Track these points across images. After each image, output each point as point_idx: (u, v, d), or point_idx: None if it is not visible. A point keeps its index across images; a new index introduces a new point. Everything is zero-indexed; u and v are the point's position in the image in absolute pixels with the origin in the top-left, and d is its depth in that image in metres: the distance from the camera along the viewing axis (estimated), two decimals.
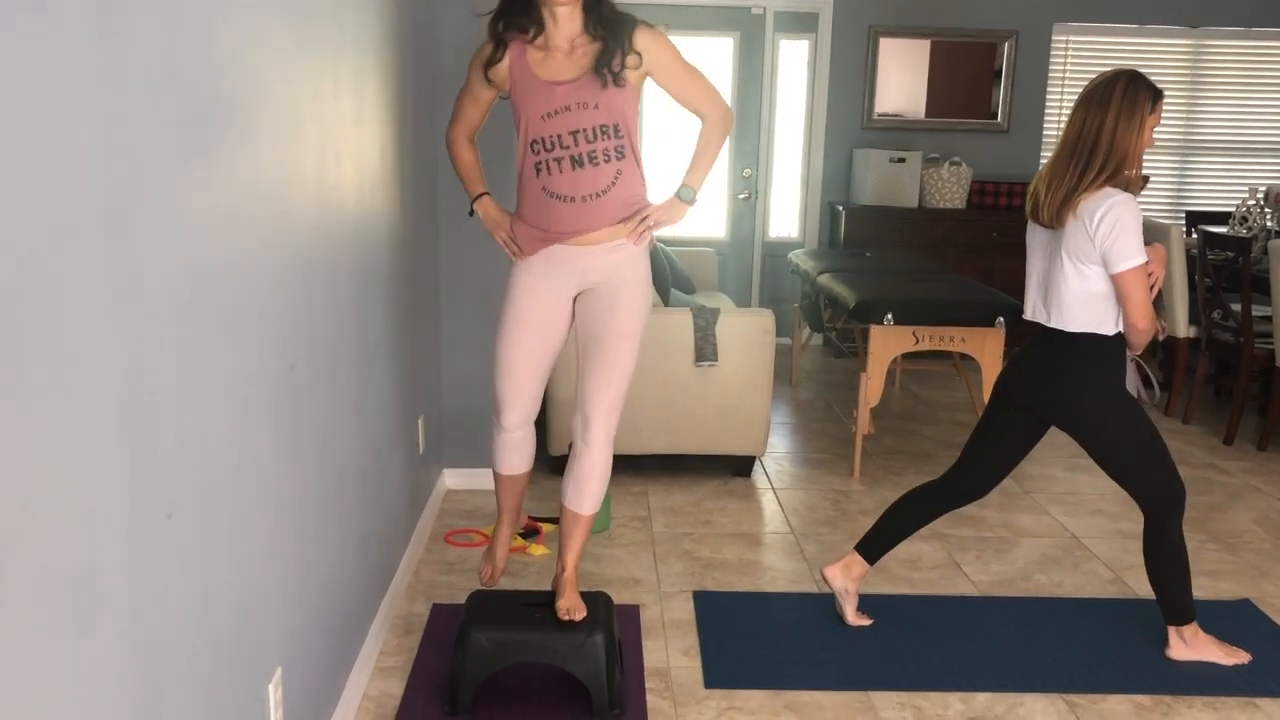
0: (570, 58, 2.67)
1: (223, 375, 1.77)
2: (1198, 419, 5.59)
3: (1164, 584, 3.02)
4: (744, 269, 7.29)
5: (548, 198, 2.68)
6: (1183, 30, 7.11)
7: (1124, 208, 2.75)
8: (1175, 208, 7.33)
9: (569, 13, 2.64)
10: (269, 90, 1.98)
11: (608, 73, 2.63)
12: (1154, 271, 2.83)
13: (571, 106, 2.63)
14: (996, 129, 7.17)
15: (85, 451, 1.31)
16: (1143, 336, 2.84)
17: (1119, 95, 2.77)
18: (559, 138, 2.64)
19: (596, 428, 2.72)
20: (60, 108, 1.24)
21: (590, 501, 2.79)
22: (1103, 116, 2.78)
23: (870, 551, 3.21)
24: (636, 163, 2.72)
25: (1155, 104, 2.80)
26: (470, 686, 2.68)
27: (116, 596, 1.41)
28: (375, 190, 2.95)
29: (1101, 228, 2.76)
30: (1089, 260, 2.81)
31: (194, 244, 1.63)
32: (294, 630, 2.21)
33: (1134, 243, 2.75)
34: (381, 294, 3.05)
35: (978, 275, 6.65)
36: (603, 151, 2.65)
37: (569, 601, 2.75)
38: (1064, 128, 2.89)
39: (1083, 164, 2.79)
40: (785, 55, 7.09)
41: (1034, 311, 2.99)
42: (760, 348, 4.36)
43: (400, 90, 3.28)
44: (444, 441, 4.25)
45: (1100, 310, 2.85)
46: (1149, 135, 2.80)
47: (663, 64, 2.73)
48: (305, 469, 2.27)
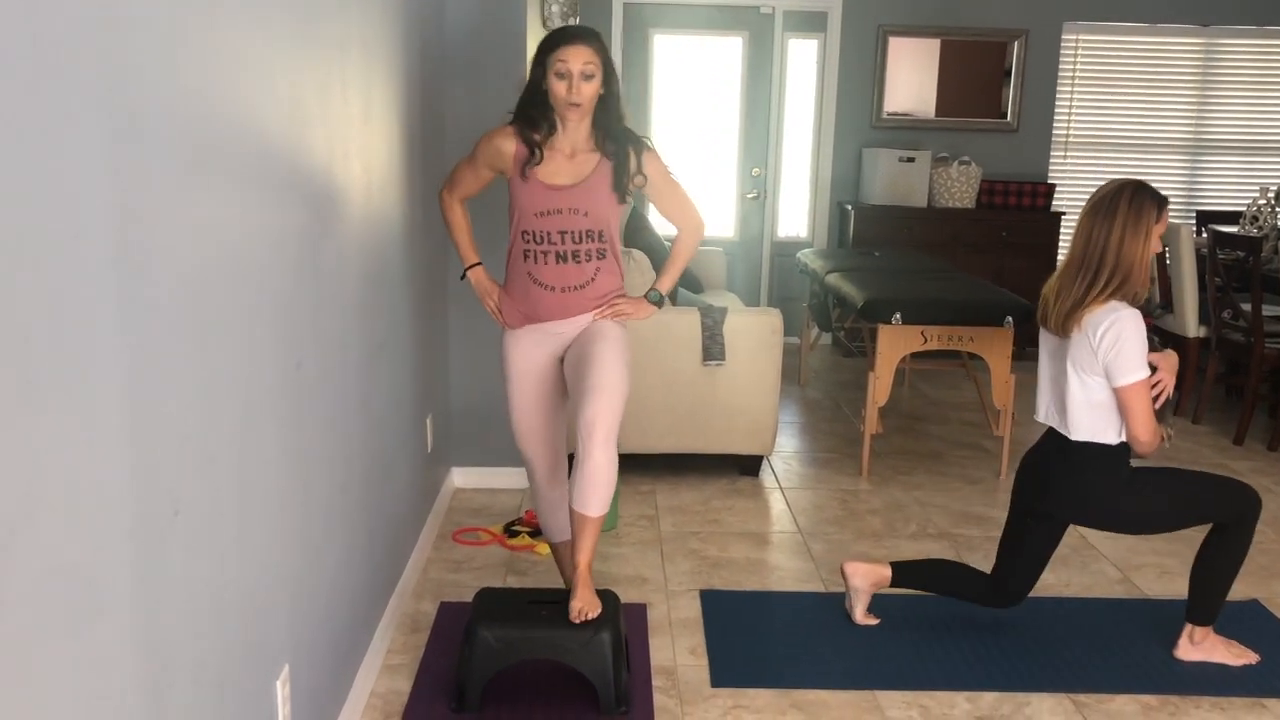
0: (570, 162, 2.85)
1: (229, 373, 1.78)
2: (1208, 419, 5.57)
3: (1211, 582, 3.02)
4: (753, 268, 7.28)
5: (532, 283, 2.89)
6: (1194, 29, 7.08)
7: (1127, 323, 2.79)
8: (1186, 207, 7.31)
9: (578, 124, 2.82)
10: (274, 89, 1.99)
11: (620, 190, 2.85)
12: (1163, 379, 2.86)
13: (564, 210, 2.83)
14: (1006, 128, 7.16)
15: (90, 450, 1.32)
16: (1145, 448, 2.87)
17: (1124, 207, 2.82)
18: (548, 234, 2.84)
19: (599, 430, 2.75)
20: (64, 109, 1.25)
21: (597, 504, 2.79)
22: (1109, 228, 2.82)
23: (901, 575, 3.23)
24: (615, 260, 2.94)
25: (1160, 213, 2.84)
26: (477, 684, 2.69)
27: (121, 594, 1.42)
28: (383, 189, 2.96)
29: (1105, 342, 2.79)
30: (1092, 371, 2.84)
31: (199, 243, 1.64)
32: (301, 628, 2.22)
33: (1135, 358, 2.79)
34: (389, 293, 3.06)
35: (987, 275, 6.64)
36: (585, 252, 2.86)
37: (582, 601, 2.75)
38: (1072, 238, 2.93)
39: (1090, 276, 2.83)
40: (794, 54, 7.09)
41: (1046, 415, 3.04)
42: (768, 347, 4.36)
43: (408, 89, 3.29)
44: (452, 440, 4.26)
45: (1103, 420, 2.88)
46: (1155, 244, 2.84)
47: (654, 180, 2.96)
48: (312, 467, 2.28)
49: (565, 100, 2.75)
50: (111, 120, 1.35)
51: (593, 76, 2.75)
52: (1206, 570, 3.02)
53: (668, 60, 7.01)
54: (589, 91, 2.76)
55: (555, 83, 2.75)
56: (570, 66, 2.73)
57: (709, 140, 7.12)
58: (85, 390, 1.30)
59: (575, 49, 2.74)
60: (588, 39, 2.77)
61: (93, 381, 1.32)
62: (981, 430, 5.28)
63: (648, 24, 6.92)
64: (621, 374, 2.82)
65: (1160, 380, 2.86)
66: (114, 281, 1.36)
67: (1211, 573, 3.01)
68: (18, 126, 1.15)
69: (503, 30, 3.98)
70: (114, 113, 1.36)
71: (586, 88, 2.75)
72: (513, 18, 3.98)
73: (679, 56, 7.02)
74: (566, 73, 2.74)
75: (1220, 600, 3.04)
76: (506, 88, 2.98)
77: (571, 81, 2.73)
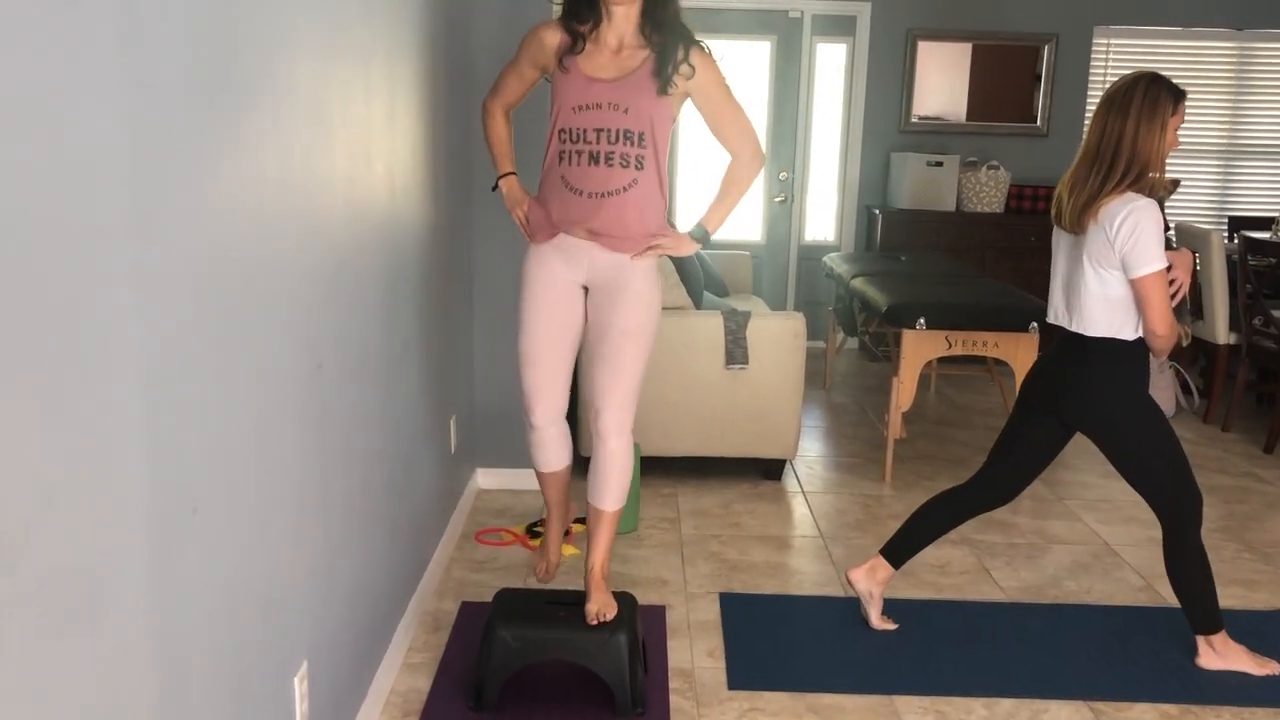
0: (616, 57, 2.69)
1: (249, 373, 1.81)
2: (1237, 426, 5.52)
3: (1187, 593, 3.01)
4: (779, 272, 7.28)
5: (563, 187, 2.72)
6: (1228, 33, 7.01)
7: (1144, 213, 2.74)
8: (1218, 212, 7.24)
9: (625, 12, 2.66)
10: (299, 92, 2.02)
11: (662, 78, 2.65)
12: (1178, 278, 2.82)
13: (603, 105, 2.65)
14: (1036, 133, 7.12)
15: (107, 447, 1.35)
16: (1162, 342, 2.82)
17: (1139, 99, 2.76)
18: (583, 132, 2.67)
19: (607, 419, 2.72)
20: (88, 107, 1.28)
21: (611, 497, 2.80)
22: (1123, 121, 2.77)
23: (895, 556, 3.21)
24: (657, 175, 2.72)
25: (1177, 105, 2.78)
26: (495, 683, 2.72)
27: (138, 590, 1.45)
28: (407, 190, 3.00)
29: (1121, 233, 2.75)
30: (1109, 265, 2.80)
31: (221, 244, 1.67)
32: (320, 625, 2.25)
33: (1153, 248, 2.74)
34: (413, 294, 3.10)
35: (1015, 280, 6.61)
36: (620, 155, 2.66)
37: (598, 603, 2.76)
38: (1086, 132, 2.88)
39: (1105, 169, 2.78)
40: (823, 58, 7.08)
41: (1057, 315, 2.99)
42: (791, 351, 4.37)
43: (433, 91, 3.32)
44: (476, 441, 4.29)
45: (1119, 315, 2.84)
46: (1172, 137, 2.78)
47: (708, 88, 2.74)
48: (333, 466, 2.31)
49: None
50: (135, 121, 1.38)
51: None
52: (1176, 581, 3.01)
53: None
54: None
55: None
56: None
57: None
58: (103, 387, 1.33)
59: None
60: None
61: (110, 379, 1.35)
62: None
63: None
64: (638, 361, 2.74)
65: (1176, 278, 2.82)
66: (132, 280, 1.39)
67: (1180, 582, 3.00)
68: (35, 122, 1.18)
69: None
70: (137, 114, 1.39)
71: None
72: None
73: None
74: None
75: (1207, 607, 3.01)
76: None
77: None
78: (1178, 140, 2.82)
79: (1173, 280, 2.82)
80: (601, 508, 2.80)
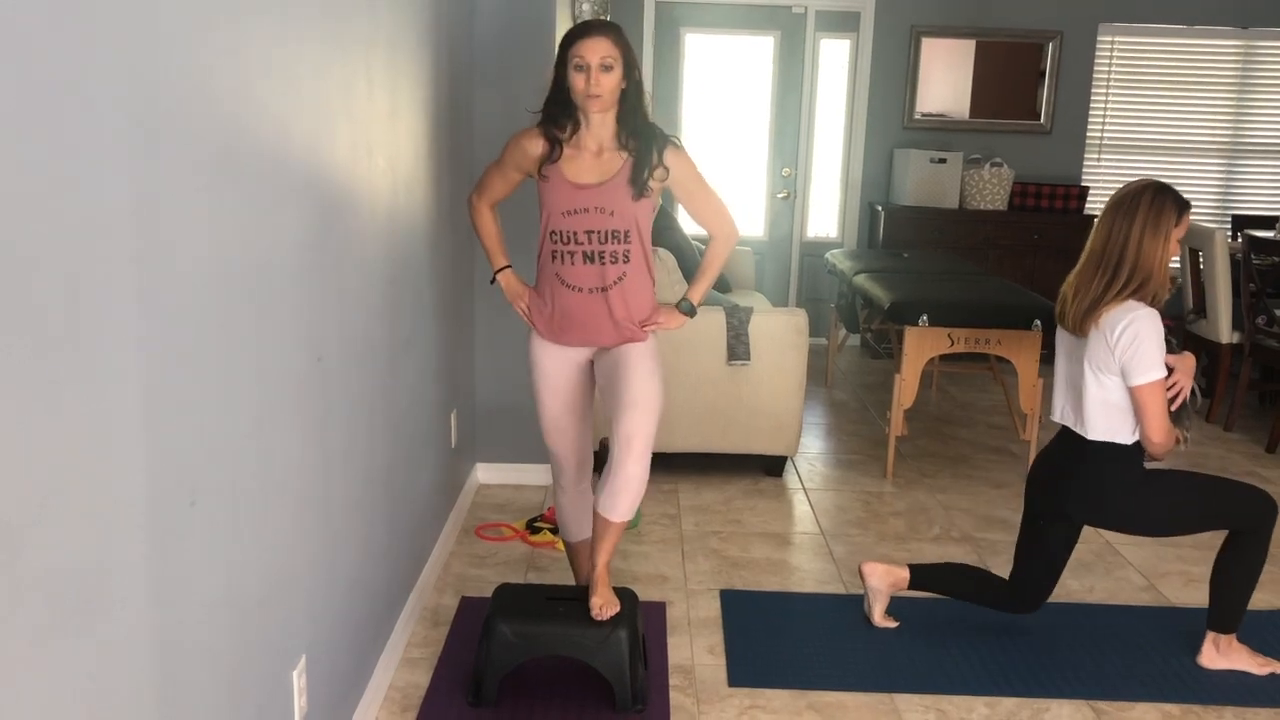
0: (597, 160, 2.82)
1: (248, 367, 1.80)
2: (1240, 426, 5.50)
3: (1229, 589, 3.00)
4: (782, 268, 7.27)
5: (559, 284, 2.86)
6: (1233, 31, 6.99)
7: (1145, 322, 2.77)
8: (1222, 211, 7.22)
9: (602, 119, 2.79)
10: (299, 85, 2.01)
11: (638, 185, 2.79)
12: (1179, 382, 2.84)
13: (589, 209, 2.80)
14: (1039, 130, 7.10)
15: (105, 440, 1.34)
16: (1158, 450, 2.84)
17: (1145, 207, 2.80)
18: (574, 234, 2.81)
19: (637, 443, 2.77)
20: (85, 103, 1.27)
21: (623, 511, 2.80)
22: (1129, 228, 2.80)
23: (919, 578, 3.22)
24: (644, 261, 2.89)
25: (1180, 216, 2.81)
26: (494, 678, 2.71)
27: (135, 583, 1.44)
28: (409, 185, 2.99)
29: (1122, 340, 2.77)
30: (1108, 370, 2.82)
31: (218, 236, 1.66)
32: (319, 619, 2.24)
33: (1152, 356, 2.77)
34: (414, 288, 3.09)
35: (1018, 277, 6.60)
36: (610, 253, 2.82)
37: (601, 599, 2.76)
38: (1091, 235, 2.91)
39: (1109, 275, 2.81)
40: (826, 54, 7.06)
41: (1062, 415, 3.01)
42: (793, 348, 4.36)
43: (436, 85, 3.31)
44: (478, 436, 4.29)
45: (1118, 420, 2.86)
46: (1175, 247, 2.82)
47: (682, 181, 2.90)
48: (332, 460, 2.30)
49: (584, 93, 2.72)
50: (133, 112, 1.37)
51: (611, 68, 2.72)
52: (1224, 578, 3.00)
53: (699, 59, 7.01)
54: (608, 83, 2.73)
55: (574, 76, 2.73)
56: (588, 59, 2.71)
57: (739, 140, 7.11)
58: (101, 380, 1.33)
59: (593, 42, 2.71)
60: (606, 31, 2.74)
61: (109, 372, 1.34)
62: (1008, 434, 5.25)
63: (679, 23, 6.92)
64: (657, 388, 2.83)
65: (1176, 382, 2.84)
66: (132, 274, 1.38)
67: (1229, 581, 2.99)
68: (39, 121, 1.17)
69: (532, 29, 3.99)
70: (135, 105, 1.38)
71: (605, 79, 2.72)
72: (542, 17, 3.99)
73: (710, 56, 7.01)
74: (585, 65, 2.71)
75: (1240, 608, 3.00)
76: (535, 86, 2.98)
77: (590, 74, 2.71)
78: (1179, 249, 2.84)
79: (1173, 385, 2.84)
80: (611, 519, 2.80)
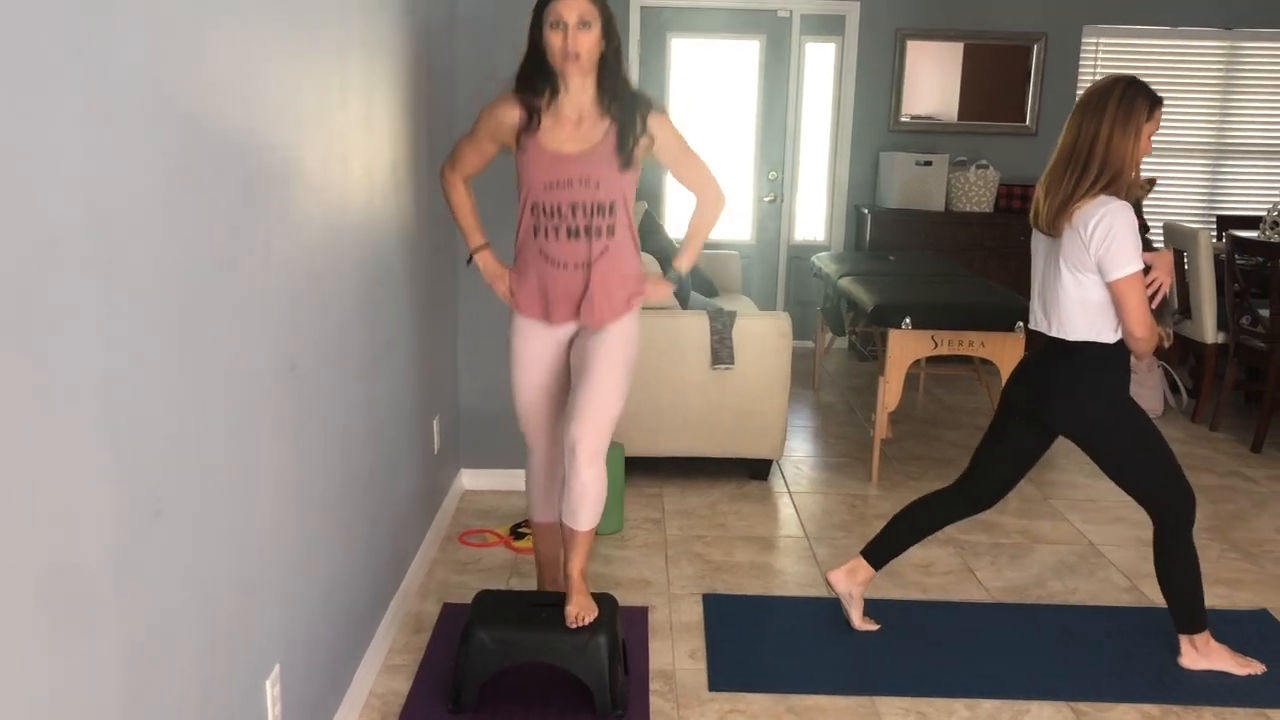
0: (578, 129, 2.72)
1: (217, 375, 1.79)
2: (1225, 426, 5.51)
3: (1175, 592, 3.00)
4: (769, 272, 7.27)
5: (544, 260, 2.78)
6: (1216, 32, 7.01)
7: (1118, 215, 2.73)
8: (1206, 212, 7.24)
9: (581, 84, 2.69)
10: (269, 91, 2.01)
11: (624, 155, 2.71)
12: (1158, 279, 2.81)
13: (574, 181, 2.70)
14: (1025, 132, 7.12)
15: (65, 449, 1.34)
16: (1141, 345, 2.81)
17: (1115, 102, 2.75)
18: (558, 207, 2.72)
19: (583, 450, 2.73)
20: (46, 109, 1.26)
21: (586, 519, 2.80)
22: (1098, 124, 2.76)
23: (876, 557, 3.20)
24: (629, 233, 2.82)
25: (1153, 111, 2.77)
26: (474, 684, 2.70)
27: (100, 591, 1.43)
28: (386, 190, 2.98)
29: (1096, 235, 2.74)
30: (1085, 268, 2.79)
31: (182, 243, 1.66)
32: (295, 628, 2.24)
33: (1128, 250, 2.73)
34: (394, 294, 3.08)
35: (1005, 279, 6.60)
36: (597, 228, 2.74)
37: (578, 606, 2.76)
38: (1062, 133, 2.87)
39: (1078, 172, 2.78)
40: (811, 58, 7.07)
41: (1036, 320, 2.98)
42: (777, 351, 4.36)
43: (414, 89, 3.30)
44: (461, 442, 4.28)
45: (1099, 318, 2.83)
46: (1146, 143, 2.78)
47: (668, 146, 2.83)
48: (308, 468, 2.29)
49: (562, 52, 2.61)
50: (94, 121, 1.37)
51: (590, 25, 2.62)
52: (1168, 583, 3.01)
53: (685, 64, 7.01)
54: (587, 42, 2.62)
55: (551, 36, 2.62)
56: (565, 17, 2.60)
57: (726, 144, 7.11)
58: (60, 388, 1.32)
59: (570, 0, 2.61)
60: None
61: (68, 379, 1.33)
62: None
63: (665, 27, 6.92)
64: (617, 384, 2.78)
65: (1156, 279, 2.81)
66: (91, 280, 1.38)
67: (1168, 581, 3.00)
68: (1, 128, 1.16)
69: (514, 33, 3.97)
70: (92, 106, 1.37)
71: (584, 37, 2.61)
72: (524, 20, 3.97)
73: (696, 60, 7.02)
74: (562, 23, 2.60)
75: (1196, 606, 3.00)
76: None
77: (567, 33, 2.60)
78: (1151, 145, 2.81)
79: (1152, 281, 2.81)
80: (577, 528, 2.80)
